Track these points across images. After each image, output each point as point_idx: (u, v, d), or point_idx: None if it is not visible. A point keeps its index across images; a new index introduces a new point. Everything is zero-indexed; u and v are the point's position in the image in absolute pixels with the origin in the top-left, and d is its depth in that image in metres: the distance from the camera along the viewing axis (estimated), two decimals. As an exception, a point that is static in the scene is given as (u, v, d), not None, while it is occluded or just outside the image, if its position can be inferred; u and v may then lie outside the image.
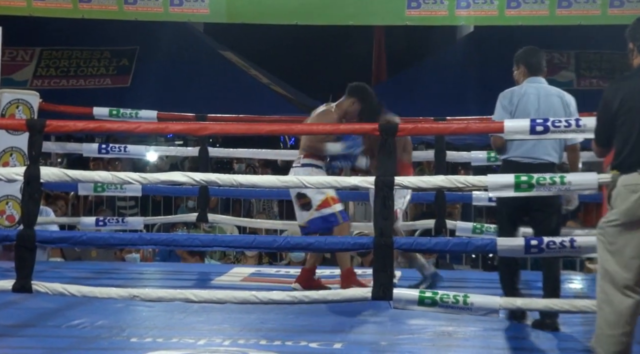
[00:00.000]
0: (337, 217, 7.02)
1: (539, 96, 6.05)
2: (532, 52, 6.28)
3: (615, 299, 4.54)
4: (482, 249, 5.94)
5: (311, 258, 7.35)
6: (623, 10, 10.10)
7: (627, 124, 4.58)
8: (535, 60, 6.21)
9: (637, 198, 4.51)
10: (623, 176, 4.58)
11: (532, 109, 5.99)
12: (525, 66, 6.22)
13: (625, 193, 4.54)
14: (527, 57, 6.24)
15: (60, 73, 13.63)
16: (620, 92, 4.62)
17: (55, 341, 5.62)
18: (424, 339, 5.73)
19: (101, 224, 8.68)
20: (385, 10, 10.74)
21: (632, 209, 4.52)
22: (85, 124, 6.34)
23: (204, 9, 10.85)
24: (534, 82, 6.13)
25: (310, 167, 7.05)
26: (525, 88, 6.11)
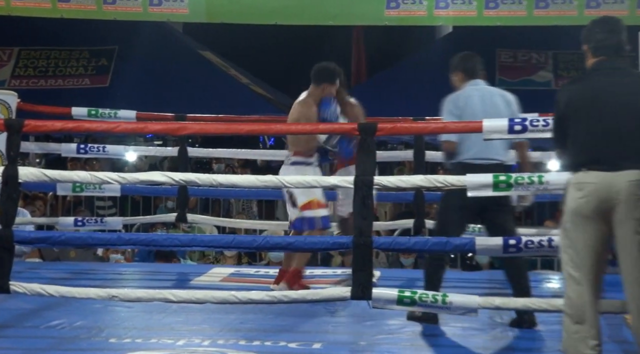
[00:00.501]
0: (316, 223, 6.99)
1: (483, 97, 6.16)
2: (468, 57, 6.38)
3: (579, 302, 4.58)
4: (460, 249, 5.94)
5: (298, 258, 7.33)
6: (599, 11, 10.19)
7: (574, 125, 4.66)
8: (471, 64, 6.32)
9: (581, 196, 4.57)
10: (572, 175, 4.65)
11: (478, 110, 6.08)
12: (462, 72, 6.31)
13: (573, 192, 4.62)
14: (463, 63, 6.34)
15: (38, 73, 13.57)
16: (569, 94, 4.72)
17: (34, 341, 5.61)
18: (403, 339, 5.74)
19: (80, 225, 8.64)
20: (365, 10, 10.76)
21: (578, 207, 4.58)
22: (63, 124, 6.32)
23: (183, 9, 10.84)
24: (475, 85, 6.24)
25: (301, 166, 7.04)
26: (469, 91, 6.20)
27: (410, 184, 5.84)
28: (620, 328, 5.74)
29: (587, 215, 4.57)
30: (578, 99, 4.67)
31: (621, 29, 4.79)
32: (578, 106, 4.65)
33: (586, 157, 4.61)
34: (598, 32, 4.77)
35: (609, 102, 4.62)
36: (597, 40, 4.75)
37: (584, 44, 4.82)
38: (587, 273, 4.58)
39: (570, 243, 4.64)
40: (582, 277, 4.58)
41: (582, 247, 4.59)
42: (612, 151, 4.57)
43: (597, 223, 4.57)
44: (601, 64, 4.74)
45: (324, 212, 7.06)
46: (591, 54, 4.79)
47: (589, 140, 4.61)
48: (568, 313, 4.63)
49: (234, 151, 9.20)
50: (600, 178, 4.55)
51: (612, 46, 4.75)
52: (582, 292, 4.58)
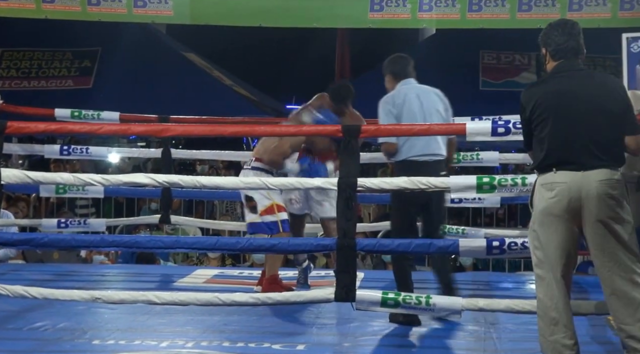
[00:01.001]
0: (278, 226, 6.98)
1: (419, 95, 6.29)
2: (396, 59, 6.50)
3: (551, 303, 4.61)
4: (444, 250, 5.96)
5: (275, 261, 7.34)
6: (581, 14, 10.23)
7: (540, 127, 4.70)
8: (399, 67, 6.44)
9: (552, 196, 4.60)
10: (541, 176, 4.69)
11: (416, 106, 6.24)
12: (391, 74, 6.45)
13: (543, 192, 4.65)
14: (391, 66, 6.47)
15: (21, 74, 13.52)
16: (534, 97, 4.75)
17: (17, 343, 5.59)
18: (387, 340, 5.75)
19: (63, 226, 8.61)
20: (349, 13, 10.77)
21: (548, 207, 4.61)
22: (47, 126, 6.31)
23: (167, 11, 10.82)
24: (407, 84, 6.36)
25: (260, 171, 7.03)
26: (404, 90, 6.31)
27: (394, 186, 5.85)
28: (604, 329, 5.77)
29: (557, 214, 4.60)
30: (543, 101, 4.71)
31: (579, 31, 4.84)
32: (543, 109, 4.69)
33: (555, 158, 4.64)
34: (557, 35, 4.82)
35: (575, 103, 4.66)
36: (556, 43, 4.81)
37: (543, 48, 4.89)
38: (558, 273, 4.61)
39: (539, 244, 4.67)
40: (552, 277, 4.61)
41: (554, 248, 4.61)
42: (581, 150, 4.61)
43: (567, 222, 4.60)
44: (562, 66, 4.80)
45: (285, 215, 7.04)
46: (550, 57, 4.85)
47: (557, 141, 4.65)
48: (540, 315, 4.68)
49: (218, 152, 9.19)
50: (570, 178, 4.59)
51: (571, 49, 4.80)
52: (553, 293, 4.61)
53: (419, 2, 10.49)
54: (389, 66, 6.49)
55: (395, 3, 10.54)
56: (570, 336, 4.61)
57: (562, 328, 4.61)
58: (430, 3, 10.49)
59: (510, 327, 6.01)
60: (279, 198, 7.00)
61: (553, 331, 4.61)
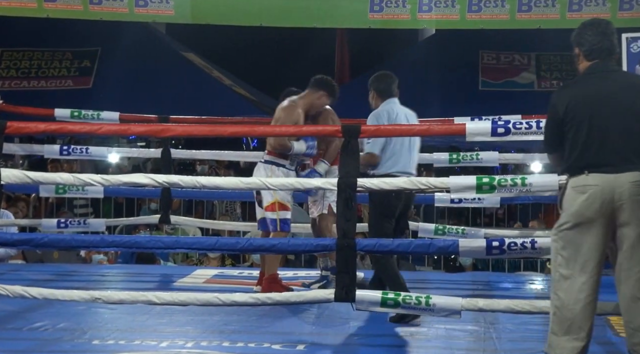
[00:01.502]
0: (276, 225, 6.96)
1: (406, 115, 6.52)
2: (381, 77, 6.65)
3: (570, 303, 4.59)
4: (444, 251, 5.97)
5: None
6: (581, 14, 10.25)
7: (574, 129, 4.65)
8: (384, 85, 6.59)
9: (585, 198, 4.58)
10: (572, 178, 4.66)
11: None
12: (376, 91, 6.60)
13: (574, 195, 4.62)
14: (376, 83, 6.61)
15: (21, 74, 13.53)
16: (567, 98, 4.69)
17: (17, 344, 5.59)
18: (387, 340, 5.75)
19: (63, 226, 8.61)
20: (349, 13, 10.80)
21: (581, 210, 4.59)
22: (47, 126, 6.31)
23: (169, 10, 10.84)
24: (393, 103, 6.53)
25: (271, 165, 7.02)
26: (395, 109, 6.49)
27: (394, 186, 5.85)
28: (604, 330, 5.77)
29: (590, 217, 4.57)
30: (577, 103, 4.64)
31: (612, 31, 4.78)
32: (577, 110, 4.63)
33: (588, 160, 4.61)
34: (590, 35, 4.75)
35: (609, 106, 4.62)
36: (590, 43, 4.74)
37: (576, 47, 4.80)
38: (586, 275, 4.58)
39: (566, 245, 4.62)
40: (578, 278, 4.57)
41: (586, 250, 4.58)
42: (614, 152, 4.58)
43: (600, 225, 4.57)
44: (595, 67, 4.73)
45: (285, 214, 6.99)
46: (584, 57, 4.78)
47: (589, 143, 4.61)
48: (556, 313, 4.63)
49: (217, 152, 9.19)
50: (603, 180, 4.56)
51: (605, 49, 4.74)
52: (574, 293, 4.58)
53: (419, 3, 10.51)
54: (375, 83, 6.62)
55: (395, 4, 10.56)
56: (583, 338, 4.58)
57: (576, 329, 4.58)
58: (429, 4, 10.51)
59: (510, 327, 6.01)
60: (283, 196, 6.96)
61: (566, 330, 4.59)
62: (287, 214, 7.00)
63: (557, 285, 4.66)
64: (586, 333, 4.60)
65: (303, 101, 7.15)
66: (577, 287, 4.59)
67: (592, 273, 4.59)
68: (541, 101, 6.27)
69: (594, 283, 4.61)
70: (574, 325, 4.59)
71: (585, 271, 4.58)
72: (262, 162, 7.09)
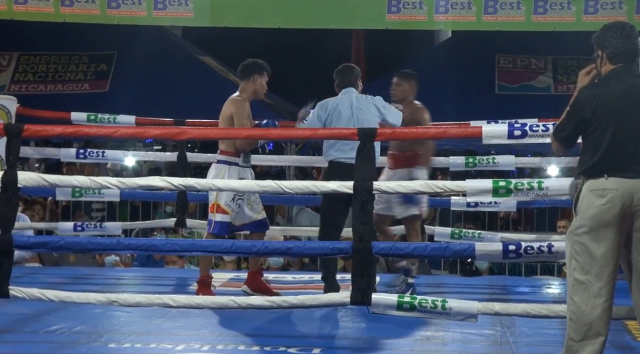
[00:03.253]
0: (211, 226, 6.99)
1: (352, 104, 6.93)
2: (341, 69, 7.20)
3: (587, 308, 4.56)
4: (460, 254, 5.95)
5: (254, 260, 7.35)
6: (597, 16, 10.23)
7: (599, 131, 4.62)
8: (340, 77, 7.14)
9: (604, 202, 4.55)
10: (590, 181, 4.62)
11: (346, 113, 6.89)
12: (335, 83, 7.15)
13: (592, 198, 4.58)
14: (337, 74, 7.17)
15: (38, 78, 13.55)
16: (595, 99, 4.65)
17: (33, 346, 5.61)
18: (403, 344, 5.74)
19: (79, 229, 8.64)
20: (366, 14, 10.81)
21: (599, 214, 4.56)
22: (63, 129, 6.33)
23: (188, 13, 10.83)
24: (346, 93, 7.03)
25: (223, 165, 6.99)
26: (339, 97, 7.01)
27: (410, 190, 5.84)
28: (622, 334, 5.75)
29: (608, 222, 4.55)
30: (603, 105, 4.62)
31: (636, 34, 4.76)
32: (603, 112, 4.61)
33: (608, 164, 4.58)
34: (615, 37, 4.72)
35: (631, 110, 4.60)
36: (614, 46, 4.71)
37: (599, 50, 4.77)
38: (603, 280, 4.56)
39: (581, 250, 4.60)
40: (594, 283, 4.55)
41: (602, 255, 4.55)
42: (635, 157, 4.56)
43: (617, 230, 4.55)
44: (620, 70, 4.71)
45: (222, 217, 6.97)
46: (608, 59, 4.74)
47: (610, 146, 4.59)
48: (573, 319, 4.61)
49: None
50: (622, 184, 4.54)
51: (629, 52, 4.72)
52: (591, 299, 4.55)
53: (435, 5, 10.51)
54: (336, 75, 7.18)
55: (412, 5, 10.56)
56: (601, 343, 4.56)
57: (593, 334, 4.55)
58: (446, 5, 10.51)
59: (527, 331, 5.99)
60: (224, 199, 6.93)
61: (584, 336, 4.56)
62: (223, 217, 6.98)
63: (572, 290, 4.64)
64: (604, 338, 4.57)
65: (245, 93, 7.16)
66: (594, 292, 4.56)
67: (608, 278, 4.56)
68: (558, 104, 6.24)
69: (611, 288, 4.58)
70: (592, 330, 4.56)
71: (601, 277, 4.55)
72: (215, 163, 7.07)
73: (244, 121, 6.96)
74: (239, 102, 7.08)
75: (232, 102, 7.11)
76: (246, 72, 7.20)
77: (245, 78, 7.20)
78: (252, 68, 7.19)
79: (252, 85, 7.17)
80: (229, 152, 7.01)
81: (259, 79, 7.18)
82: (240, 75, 7.28)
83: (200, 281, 7.05)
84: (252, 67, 7.20)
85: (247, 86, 7.17)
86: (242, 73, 7.24)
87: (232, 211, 7.00)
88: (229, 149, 7.00)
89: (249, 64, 7.22)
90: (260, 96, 7.27)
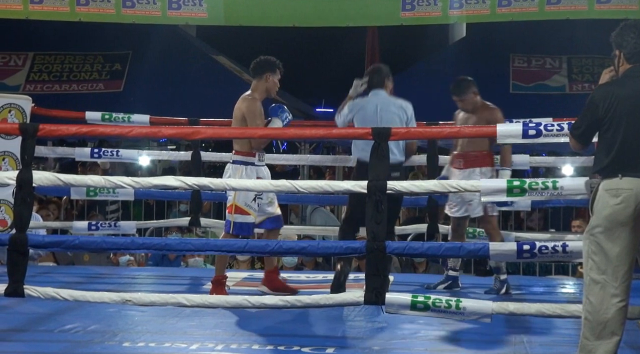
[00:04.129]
0: (230, 227, 6.95)
1: (378, 105, 6.97)
2: (370, 71, 7.30)
3: (602, 308, 4.55)
4: (474, 254, 5.94)
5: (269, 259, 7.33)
6: (610, 5, 10.24)
7: (612, 130, 4.62)
8: (369, 78, 7.17)
9: (618, 202, 4.54)
10: (605, 181, 4.61)
11: (370, 114, 6.92)
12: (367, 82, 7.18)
13: (607, 197, 4.58)
14: (366, 76, 7.23)
15: (52, 78, 13.59)
16: (609, 98, 4.64)
17: (48, 346, 5.62)
18: (417, 343, 5.73)
19: (94, 229, 8.66)
20: (381, 11, 10.82)
21: (614, 213, 4.55)
22: (78, 128, 6.35)
23: (202, 12, 10.85)
24: (374, 95, 7.08)
25: (239, 165, 6.96)
26: (368, 99, 7.07)
27: (424, 189, 5.83)
28: (637, 334, 5.72)
29: (623, 221, 4.54)
30: (617, 103, 4.61)
31: None
32: (617, 111, 4.60)
33: (622, 163, 4.58)
34: (633, 37, 4.70)
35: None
36: (631, 46, 4.70)
37: (616, 49, 4.76)
38: (618, 279, 4.55)
39: (597, 249, 4.59)
40: (610, 283, 4.54)
41: (617, 254, 4.55)
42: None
43: (632, 229, 4.55)
44: (636, 70, 4.69)
45: (241, 218, 6.93)
46: (625, 59, 4.73)
47: (625, 146, 4.58)
48: (588, 318, 4.60)
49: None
50: (636, 184, 4.54)
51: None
52: (606, 298, 4.54)
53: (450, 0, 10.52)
54: (367, 74, 7.24)
55: (427, 2, 10.57)
56: (616, 343, 4.55)
57: (608, 334, 4.55)
58: (460, 0, 10.52)
59: (541, 331, 5.98)
60: (244, 200, 6.90)
61: (599, 335, 4.56)
62: (244, 218, 6.94)
63: (588, 289, 4.63)
64: (619, 338, 4.56)
65: (257, 92, 7.12)
66: (610, 292, 4.55)
67: (623, 278, 4.56)
68: (573, 104, 6.26)
69: (626, 287, 4.58)
70: (607, 330, 4.55)
71: (616, 276, 4.54)
72: (231, 164, 7.03)
73: (256, 121, 6.94)
74: (250, 101, 7.05)
75: (243, 101, 7.09)
76: (258, 70, 7.15)
77: (257, 76, 7.16)
78: (264, 66, 7.15)
79: (264, 83, 7.13)
80: (243, 152, 6.99)
81: (271, 77, 7.14)
82: (252, 73, 7.24)
83: (214, 280, 7.05)
84: (264, 65, 7.15)
85: (259, 85, 7.13)
86: (253, 71, 7.19)
87: (254, 212, 6.99)
88: (243, 148, 6.99)
89: (260, 62, 7.18)
90: (272, 94, 7.24)
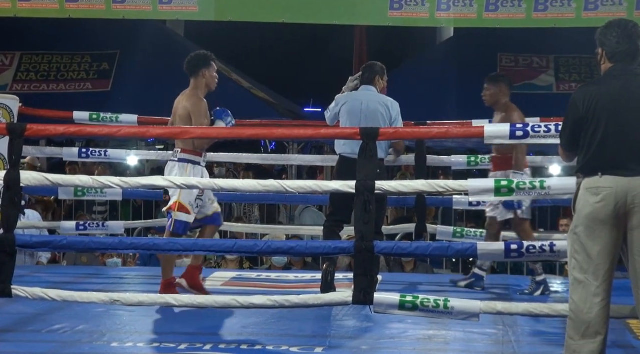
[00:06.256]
0: (171, 225, 6.84)
1: (363, 101, 7.05)
2: (364, 67, 7.38)
3: (585, 307, 4.56)
4: (462, 253, 5.96)
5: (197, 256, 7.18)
6: (597, 13, 10.25)
7: (593, 129, 4.62)
8: (362, 74, 7.27)
9: (598, 200, 4.55)
10: (586, 179, 4.62)
11: (356, 110, 7.00)
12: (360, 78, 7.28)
13: (587, 196, 4.59)
14: (361, 70, 7.33)
15: (40, 77, 13.57)
16: (588, 97, 4.65)
17: (36, 346, 5.62)
18: (405, 343, 5.74)
19: (82, 229, 8.65)
20: (369, 10, 10.85)
21: (594, 212, 4.56)
22: (65, 128, 6.35)
23: (192, 7, 10.84)
24: (363, 90, 7.17)
25: (186, 164, 6.86)
26: (357, 94, 7.16)
27: (412, 189, 5.84)
28: (624, 333, 5.75)
29: (603, 220, 4.54)
30: (597, 102, 4.61)
31: (637, 33, 4.72)
32: (597, 110, 4.60)
33: (602, 162, 4.58)
34: (615, 36, 4.70)
35: (627, 108, 4.59)
36: (613, 45, 4.70)
37: (599, 47, 4.76)
38: (600, 278, 4.56)
39: (579, 248, 4.60)
40: (592, 282, 4.55)
41: (597, 253, 4.56)
42: (629, 155, 4.55)
43: (613, 228, 4.55)
44: (617, 69, 4.70)
45: (183, 216, 6.83)
46: (607, 58, 4.74)
47: (605, 144, 4.58)
48: (572, 318, 4.62)
49: (235, 155, 9.19)
50: (616, 183, 4.53)
51: (629, 52, 4.69)
52: (589, 297, 4.56)
53: (437, 2, 10.54)
54: (362, 71, 7.31)
55: (414, 2, 10.59)
56: (600, 342, 4.56)
57: (592, 333, 4.55)
58: (448, 3, 10.54)
59: (529, 330, 6.00)
60: (189, 198, 6.81)
61: (583, 335, 4.56)
62: (186, 217, 6.84)
63: (572, 289, 4.65)
64: (603, 336, 4.58)
65: (199, 90, 7.05)
66: (592, 291, 4.56)
67: (604, 277, 4.56)
68: (560, 103, 6.25)
69: (607, 287, 4.58)
70: (590, 329, 4.56)
71: (597, 275, 4.56)
72: (176, 161, 6.90)
73: (202, 120, 6.85)
74: (196, 100, 6.96)
75: (188, 99, 6.99)
76: (193, 69, 7.08)
77: (193, 75, 7.07)
78: (197, 63, 7.08)
79: (202, 80, 7.05)
80: (190, 150, 6.89)
81: (207, 72, 7.06)
82: (187, 72, 7.13)
83: (165, 282, 6.90)
84: (197, 63, 7.08)
85: (197, 82, 7.05)
86: (189, 71, 7.10)
87: (193, 211, 6.88)
88: (189, 147, 6.88)
89: (192, 60, 7.10)
90: (213, 88, 7.12)
